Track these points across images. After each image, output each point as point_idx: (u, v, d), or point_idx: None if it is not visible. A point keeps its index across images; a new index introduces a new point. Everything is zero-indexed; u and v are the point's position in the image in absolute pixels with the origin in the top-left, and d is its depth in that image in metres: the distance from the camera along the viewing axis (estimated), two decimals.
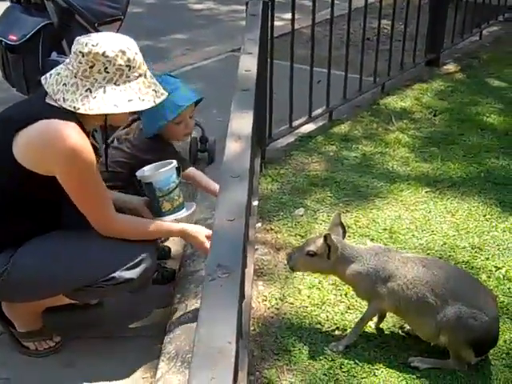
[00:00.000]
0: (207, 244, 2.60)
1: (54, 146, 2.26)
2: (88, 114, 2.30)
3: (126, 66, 2.30)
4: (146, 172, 2.72)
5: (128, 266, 2.46)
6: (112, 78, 2.29)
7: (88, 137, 2.37)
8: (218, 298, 1.42)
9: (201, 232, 2.64)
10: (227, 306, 1.39)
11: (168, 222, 2.65)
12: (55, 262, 2.43)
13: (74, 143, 2.25)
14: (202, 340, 1.30)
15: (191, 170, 3.10)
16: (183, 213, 2.74)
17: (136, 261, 2.48)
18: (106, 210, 2.42)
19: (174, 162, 2.70)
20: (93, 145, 2.41)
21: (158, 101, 2.41)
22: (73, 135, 2.26)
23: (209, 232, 2.62)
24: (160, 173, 2.64)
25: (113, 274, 2.44)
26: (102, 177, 2.41)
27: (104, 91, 2.29)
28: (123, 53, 2.29)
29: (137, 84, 2.33)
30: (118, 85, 2.30)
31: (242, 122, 2.29)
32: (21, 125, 2.29)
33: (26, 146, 2.29)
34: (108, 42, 2.29)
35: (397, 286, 2.51)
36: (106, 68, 2.27)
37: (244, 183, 1.89)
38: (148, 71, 2.40)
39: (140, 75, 2.35)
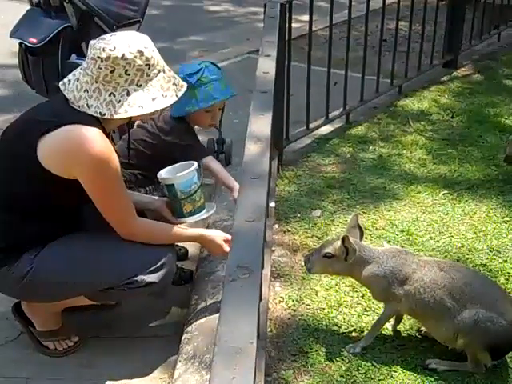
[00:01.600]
0: (225, 247, 2.61)
1: (79, 152, 2.27)
2: (111, 119, 2.32)
3: (146, 65, 2.31)
4: (166, 174, 2.73)
5: (150, 269, 2.48)
6: (133, 80, 2.30)
7: (108, 138, 2.39)
8: (238, 298, 1.43)
9: (218, 236, 2.66)
10: (248, 307, 1.40)
11: (186, 228, 2.67)
12: (78, 264, 2.46)
13: (100, 151, 2.27)
14: (223, 340, 1.31)
15: (209, 160, 3.07)
16: (204, 214, 2.75)
17: (158, 265, 2.49)
18: (128, 216, 2.44)
19: (195, 164, 2.72)
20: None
21: (180, 94, 2.44)
22: (98, 142, 2.27)
23: (226, 236, 2.64)
24: (182, 175, 2.66)
25: (135, 278, 2.46)
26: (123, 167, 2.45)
27: (128, 93, 2.30)
28: (141, 53, 2.30)
29: (157, 81, 2.35)
30: (140, 85, 2.31)
31: (261, 124, 2.30)
32: (46, 128, 2.30)
33: (51, 150, 2.30)
34: (124, 44, 2.29)
35: (413, 289, 2.50)
36: (127, 71, 2.28)
37: (263, 184, 1.90)
38: (165, 65, 2.42)
39: (159, 71, 2.36)
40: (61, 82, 2.38)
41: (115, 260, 2.46)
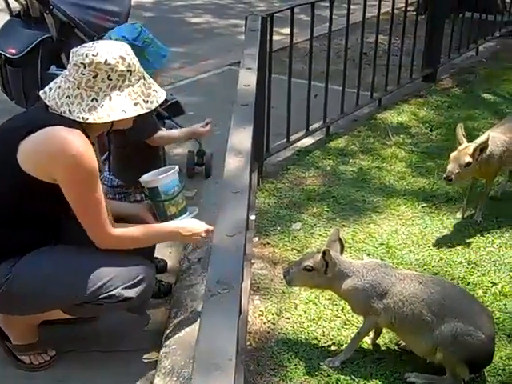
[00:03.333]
0: (203, 235, 2.63)
1: (58, 152, 2.26)
2: (94, 124, 2.32)
3: (127, 71, 2.33)
4: (148, 178, 2.74)
5: (128, 284, 2.46)
6: (115, 85, 2.31)
7: (93, 146, 2.38)
8: (218, 313, 1.42)
9: (196, 227, 2.63)
10: (227, 323, 1.39)
11: (161, 225, 2.65)
12: (55, 277, 2.42)
13: (79, 151, 2.25)
14: (202, 356, 1.29)
15: (163, 132, 3.08)
16: (187, 216, 2.75)
17: (136, 280, 2.48)
18: (104, 221, 2.41)
19: (176, 167, 2.73)
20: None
21: (160, 100, 2.45)
22: (77, 142, 2.27)
23: (205, 227, 2.63)
24: (164, 177, 2.67)
25: (112, 292, 2.44)
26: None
27: (110, 99, 2.31)
28: (123, 59, 2.32)
29: (138, 87, 2.37)
30: (122, 90, 2.33)
31: (242, 137, 2.30)
32: (26, 132, 2.29)
33: (31, 152, 2.29)
34: (107, 50, 2.31)
35: (393, 303, 2.51)
36: (109, 76, 2.30)
37: (244, 198, 1.89)
38: (145, 73, 2.44)
39: (140, 78, 2.39)
40: (41, 91, 2.37)
41: (93, 274, 2.43)
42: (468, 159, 3.33)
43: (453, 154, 3.41)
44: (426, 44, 5.86)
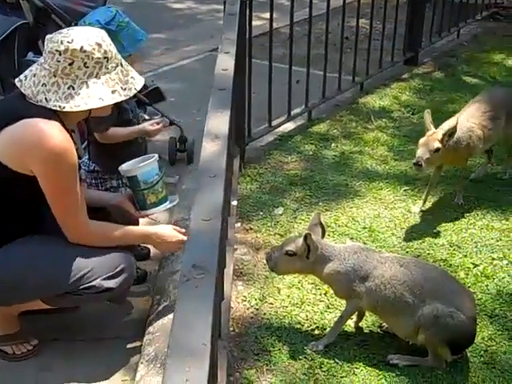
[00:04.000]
0: (176, 245, 2.61)
1: (36, 145, 2.22)
2: (71, 112, 2.28)
3: (104, 57, 2.29)
4: (128, 166, 2.71)
5: (108, 275, 2.43)
6: (92, 72, 2.28)
7: (69, 134, 2.34)
8: (192, 299, 1.41)
9: (169, 236, 2.61)
10: (202, 307, 1.38)
11: (136, 227, 2.64)
12: (34, 268, 2.40)
13: (57, 144, 2.22)
14: (176, 342, 1.28)
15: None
16: (168, 204, 2.74)
17: (116, 270, 2.45)
18: (79, 215, 2.38)
19: (156, 156, 2.70)
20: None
21: (138, 87, 2.41)
22: (56, 135, 2.23)
23: (178, 236, 2.61)
24: (144, 165, 2.64)
25: (93, 283, 2.41)
26: None
27: (87, 86, 2.27)
28: (99, 45, 2.28)
29: (116, 74, 2.33)
30: (99, 78, 2.29)
31: (219, 122, 2.28)
32: (3, 123, 2.25)
33: (8, 144, 2.26)
34: (82, 37, 2.27)
35: (374, 286, 2.51)
36: (86, 63, 2.26)
37: (220, 183, 1.87)
38: (123, 60, 2.40)
39: (117, 65, 2.35)
40: (17, 79, 2.33)
41: (73, 264, 2.41)
42: (437, 145, 3.30)
43: (421, 140, 3.39)
44: (408, 27, 5.85)
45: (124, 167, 2.70)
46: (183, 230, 2.65)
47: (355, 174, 4.04)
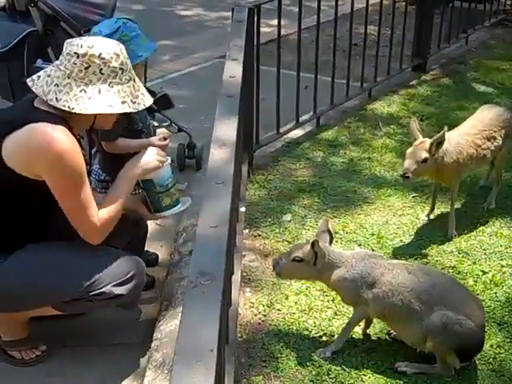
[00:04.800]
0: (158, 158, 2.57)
1: (42, 149, 2.23)
2: (78, 116, 2.29)
3: (120, 68, 2.31)
4: None
5: (118, 281, 2.44)
6: (106, 80, 2.29)
7: (77, 140, 2.36)
8: (199, 305, 1.41)
9: (143, 161, 2.56)
10: (209, 314, 1.38)
11: (113, 185, 2.57)
12: (45, 275, 2.41)
13: (63, 147, 2.23)
14: (182, 348, 1.29)
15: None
16: (182, 207, 2.75)
17: (127, 277, 2.46)
18: (92, 218, 2.38)
19: (169, 159, 2.71)
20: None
21: (147, 104, 2.43)
22: (61, 138, 2.24)
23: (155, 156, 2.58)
24: (160, 169, 2.64)
25: (103, 289, 2.42)
26: None
27: (99, 92, 2.28)
28: (117, 56, 2.31)
29: (128, 87, 2.35)
30: (112, 87, 2.30)
31: (227, 128, 2.28)
32: (9, 129, 2.27)
33: (15, 149, 2.27)
34: (102, 45, 2.30)
35: (382, 293, 2.51)
36: (101, 70, 2.28)
37: (228, 189, 1.88)
38: (136, 77, 2.42)
39: (131, 79, 2.37)
40: (29, 79, 2.34)
41: (83, 271, 2.42)
42: (425, 154, 3.19)
43: (409, 150, 3.27)
44: (416, 34, 5.84)
45: None
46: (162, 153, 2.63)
47: (363, 181, 4.04)
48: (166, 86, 5.16)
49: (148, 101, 2.43)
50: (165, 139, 3.00)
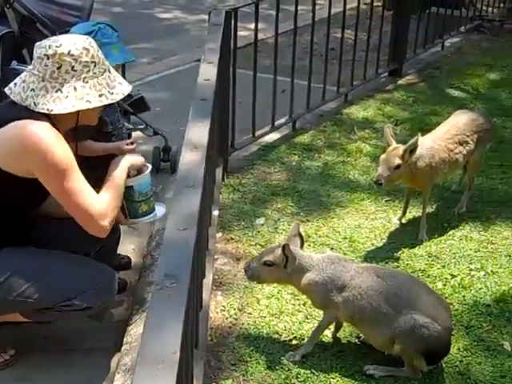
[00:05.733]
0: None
1: (27, 145, 2.23)
2: (60, 116, 2.30)
3: (92, 62, 2.32)
4: None
5: (89, 293, 2.42)
6: (80, 76, 2.30)
7: (64, 137, 2.34)
8: (164, 307, 1.42)
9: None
10: (173, 316, 1.39)
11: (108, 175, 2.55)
12: (14, 281, 2.39)
13: (49, 142, 2.23)
14: (146, 350, 1.29)
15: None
16: (156, 215, 2.74)
17: (97, 289, 2.44)
18: (92, 204, 2.33)
19: (150, 166, 2.71)
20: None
21: (126, 92, 2.43)
22: (47, 134, 2.24)
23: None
24: (140, 177, 2.64)
25: (72, 300, 2.40)
26: None
27: (74, 89, 2.29)
28: (87, 50, 2.32)
29: (104, 79, 2.36)
30: (87, 82, 2.32)
31: (199, 132, 2.29)
32: None
33: (2, 148, 2.27)
34: (70, 42, 2.31)
35: (351, 296, 2.53)
36: (73, 67, 2.29)
37: (198, 192, 1.89)
38: (110, 66, 2.43)
39: (105, 70, 2.38)
40: (6, 88, 2.36)
41: (53, 280, 2.40)
42: (398, 161, 3.19)
43: (382, 157, 3.28)
44: (392, 39, 5.90)
45: None
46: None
47: (337, 185, 4.06)
48: (144, 88, 5.14)
49: (126, 89, 2.44)
50: (132, 144, 3.00)
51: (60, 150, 2.26)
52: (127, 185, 2.63)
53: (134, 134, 4.03)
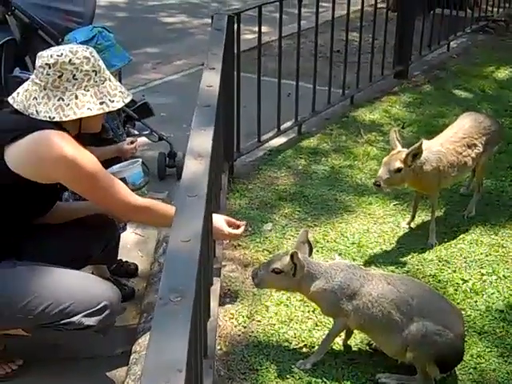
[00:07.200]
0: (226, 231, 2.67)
1: (53, 155, 2.25)
2: (63, 122, 2.31)
3: (93, 70, 2.35)
4: (116, 169, 2.76)
5: (89, 311, 2.38)
6: (81, 84, 2.32)
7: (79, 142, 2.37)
8: (169, 322, 1.38)
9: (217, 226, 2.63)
10: (179, 332, 1.35)
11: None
12: (15, 297, 2.34)
13: (75, 150, 2.27)
14: (151, 367, 1.26)
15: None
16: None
17: (98, 307, 2.39)
18: (123, 197, 2.41)
19: (140, 160, 2.76)
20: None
21: (126, 101, 2.46)
22: (69, 142, 2.28)
23: (226, 220, 2.70)
24: (132, 167, 2.70)
25: (72, 319, 2.36)
26: None
27: (76, 97, 2.32)
28: (88, 59, 2.34)
29: (104, 88, 2.38)
30: (88, 90, 2.34)
31: (202, 140, 2.25)
32: (11, 136, 2.27)
33: (23, 156, 2.27)
34: (71, 51, 2.34)
35: (361, 304, 2.49)
36: (75, 75, 2.31)
37: (201, 203, 1.85)
38: (111, 76, 2.45)
39: (106, 79, 2.40)
40: (10, 97, 2.38)
41: (52, 298, 2.35)
42: (398, 164, 3.15)
43: (385, 159, 3.26)
44: (398, 41, 5.86)
45: (113, 169, 2.75)
46: (238, 223, 2.73)
47: (345, 189, 4.02)
48: (149, 93, 5.13)
49: (127, 98, 2.46)
50: (132, 143, 3.04)
51: (86, 157, 2.31)
52: (120, 176, 2.69)
53: (139, 140, 4.00)
